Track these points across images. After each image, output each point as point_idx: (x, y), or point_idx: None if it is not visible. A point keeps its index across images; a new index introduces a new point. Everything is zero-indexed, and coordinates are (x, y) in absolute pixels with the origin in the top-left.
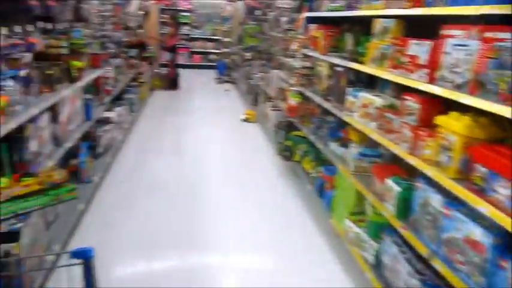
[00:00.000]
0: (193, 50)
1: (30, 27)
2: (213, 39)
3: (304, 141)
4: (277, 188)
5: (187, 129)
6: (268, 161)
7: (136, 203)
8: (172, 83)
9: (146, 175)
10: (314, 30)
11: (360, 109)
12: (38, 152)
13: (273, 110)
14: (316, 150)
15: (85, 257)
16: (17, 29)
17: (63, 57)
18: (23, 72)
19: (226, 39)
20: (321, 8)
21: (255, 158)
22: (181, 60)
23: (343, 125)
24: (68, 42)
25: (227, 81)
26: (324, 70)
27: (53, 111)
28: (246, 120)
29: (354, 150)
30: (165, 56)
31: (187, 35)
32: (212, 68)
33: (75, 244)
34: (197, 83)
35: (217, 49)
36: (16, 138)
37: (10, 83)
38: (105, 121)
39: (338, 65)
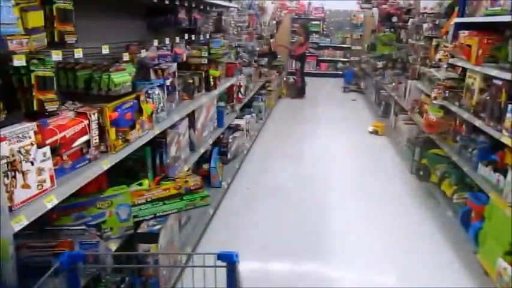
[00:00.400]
0: (320, 58)
1: (177, 39)
2: (341, 47)
3: (444, 161)
4: (410, 209)
5: (312, 138)
6: (398, 178)
7: (259, 208)
8: (299, 92)
9: (270, 182)
10: (466, 37)
11: None
12: (177, 157)
13: (407, 123)
14: (460, 173)
15: (230, 260)
16: (166, 40)
17: (202, 67)
18: (168, 81)
19: (356, 48)
20: (477, 12)
21: (383, 173)
22: (307, 68)
23: (498, 147)
24: (207, 52)
25: (354, 91)
26: (475, 83)
27: (191, 118)
28: (373, 132)
29: None
30: (293, 65)
31: (316, 43)
32: (339, 77)
33: (202, 246)
34: (323, 92)
35: (345, 57)
36: (158, 143)
37: (157, 91)
38: (235, 128)
39: (496, 78)
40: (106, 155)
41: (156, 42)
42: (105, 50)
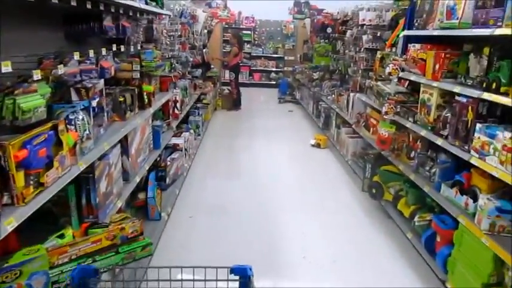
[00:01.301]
0: (253, 68)
1: (103, 51)
2: (274, 57)
3: (399, 178)
4: (365, 230)
5: (255, 152)
6: (349, 196)
7: (205, 238)
8: (234, 103)
9: (214, 205)
10: (418, 51)
11: (501, 153)
12: (108, 193)
13: (351, 137)
14: (417, 192)
15: (244, 274)
16: (90, 52)
17: (133, 81)
18: (94, 102)
19: (289, 58)
20: (428, 25)
21: (332, 189)
22: (241, 78)
23: (463, 166)
24: (139, 65)
25: (290, 101)
26: (432, 99)
27: (123, 142)
28: (315, 145)
29: (487, 203)
30: (227, 75)
31: (249, 53)
32: (272, 87)
33: None
34: (259, 103)
35: (278, 68)
36: (84, 179)
37: (80, 115)
38: (173, 148)
39: (460, 95)
40: (12, 210)
41: (77, 55)
42: (6, 67)
